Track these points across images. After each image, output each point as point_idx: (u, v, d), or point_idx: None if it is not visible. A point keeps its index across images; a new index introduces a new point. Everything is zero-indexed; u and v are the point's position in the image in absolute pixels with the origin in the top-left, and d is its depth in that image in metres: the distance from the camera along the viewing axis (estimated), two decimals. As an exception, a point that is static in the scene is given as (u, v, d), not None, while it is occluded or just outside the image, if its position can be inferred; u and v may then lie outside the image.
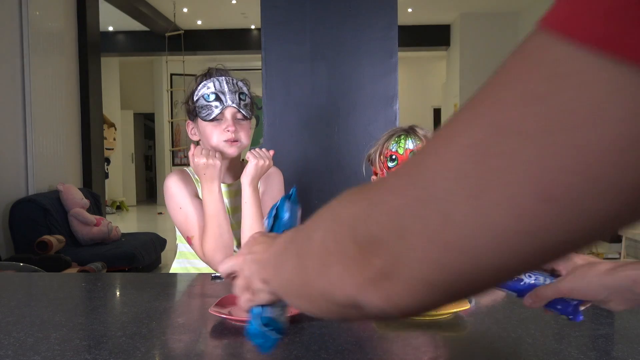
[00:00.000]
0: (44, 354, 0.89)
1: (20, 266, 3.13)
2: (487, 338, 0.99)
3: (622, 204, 0.25)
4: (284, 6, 2.73)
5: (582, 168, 0.24)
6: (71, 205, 4.60)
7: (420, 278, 0.31)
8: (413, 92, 11.12)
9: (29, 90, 4.54)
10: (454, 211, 0.28)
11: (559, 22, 0.24)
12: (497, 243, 0.27)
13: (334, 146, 2.74)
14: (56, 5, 5.08)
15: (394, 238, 0.31)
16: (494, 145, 0.26)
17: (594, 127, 0.23)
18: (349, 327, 1.05)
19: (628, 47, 0.22)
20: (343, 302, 0.38)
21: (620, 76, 0.23)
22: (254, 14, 8.36)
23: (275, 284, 0.53)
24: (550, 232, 0.26)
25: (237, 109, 1.54)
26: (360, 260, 0.34)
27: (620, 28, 0.22)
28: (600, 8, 0.23)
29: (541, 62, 0.25)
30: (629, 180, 0.24)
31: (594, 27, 0.23)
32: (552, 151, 0.24)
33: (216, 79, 1.55)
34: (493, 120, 0.26)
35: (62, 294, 1.35)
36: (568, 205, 0.25)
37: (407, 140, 1.44)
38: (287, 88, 2.73)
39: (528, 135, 0.25)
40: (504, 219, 0.26)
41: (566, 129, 0.24)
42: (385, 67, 2.74)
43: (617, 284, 0.70)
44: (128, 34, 9.77)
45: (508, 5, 8.62)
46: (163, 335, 0.98)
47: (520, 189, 0.25)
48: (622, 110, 0.23)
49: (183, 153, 11.07)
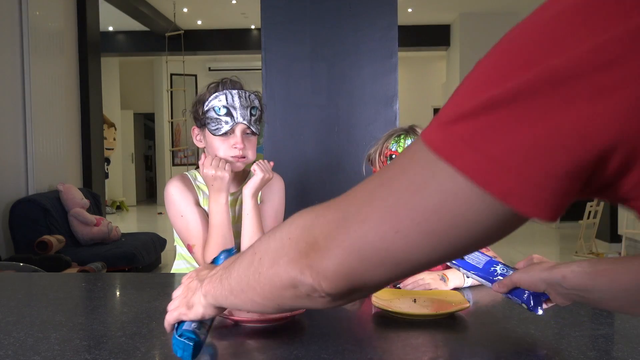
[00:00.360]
0: (44, 354, 0.89)
1: (20, 266, 3.13)
2: (487, 338, 0.99)
3: (437, 243, 0.43)
4: (284, 6, 2.73)
5: (413, 220, 0.42)
6: (71, 205, 4.60)
7: (337, 268, 0.48)
8: (413, 92, 11.12)
9: (29, 90, 4.53)
10: (356, 228, 0.46)
11: (424, 135, 0.41)
12: (378, 252, 0.46)
13: (334, 146, 2.74)
14: (56, 5, 5.08)
15: (324, 240, 0.49)
16: (377, 199, 0.45)
17: (417, 202, 0.42)
18: (349, 327, 1.05)
19: (459, 158, 0.38)
20: (286, 283, 0.54)
21: (447, 178, 0.40)
22: (254, 14, 8.36)
23: (215, 294, 0.71)
24: (404, 250, 0.45)
25: (248, 125, 1.53)
26: (304, 252, 0.51)
27: (453, 144, 0.39)
28: (449, 132, 0.39)
29: (408, 160, 0.43)
30: (439, 231, 0.42)
31: (441, 141, 0.40)
32: (398, 209, 0.43)
33: (229, 92, 1.52)
34: (381, 182, 0.45)
35: (62, 294, 1.35)
36: (409, 237, 0.43)
37: (407, 139, 1.44)
38: (287, 88, 2.73)
39: (389, 198, 0.44)
40: (379, 238, 0.45)
41: (405, 199, 0.43)
42: (385, 67, 2.74)
43: (551, 278, 0.83)
44: (128, 34, 9.77)
45: (508, 5, 8.62)
46: (163, 335, 0.98)
47: (383, 223, 0.44)
48: (436, 195, 0.41)
49: (183, 153, 11.07)
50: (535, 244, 6.86)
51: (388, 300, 1.15)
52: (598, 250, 5.82)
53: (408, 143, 1.44)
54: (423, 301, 1.17)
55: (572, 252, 5.89)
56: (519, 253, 5.86)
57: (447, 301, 1.15)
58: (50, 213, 4.31)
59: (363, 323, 1.10)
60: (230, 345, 0.97)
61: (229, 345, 0.97)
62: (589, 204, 5.90)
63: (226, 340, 0.99)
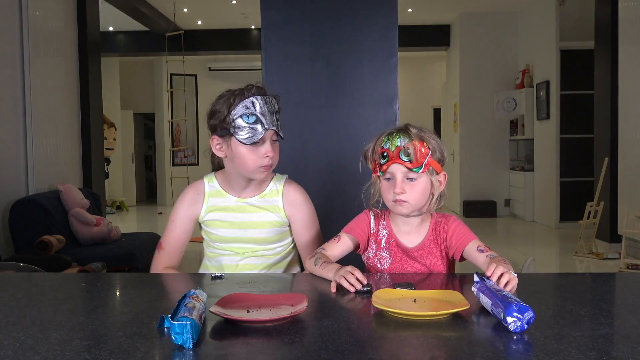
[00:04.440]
0: (44, 354, 0.89)
1: (20, 266, 3.13)
2: (487, 338, 0.99)
3: None
4: (284, 6, 2.73)
5: None
6: (71, 205, 4.60)
7: None
8: (413, 92, 11.12)
9: (29, 90, 4.53)
10: None
11: None
12: None
13: (334, 146, 2.74)
14: (56, 5, 5.08)
15: None
16: None
17: None
18: (349, 327, 1.05)
19: None
20: None
21: None
22: (254, 14, 8.36)
23: None
24: None
25: (276, 130, 1.54)
26: None
27: None
28: None
29: None
30: None
31: None
32: None
33: (255, 99, 1.52)
34: None
35: (62, 294, 1.35)
36: None
37: (398, 137, 1.44)
38: (287, 88, 2.73)
39: None
40: None
41: None
42: (385, 67, 2.74)
43: None
44: (128, 34, 9.77)
45: (508, 5, 8.62)
46: (163, 335, 0.98)
47: None
48: None
49: (183, 153, 11.07)
50: (535, 244, 6.86)
51: (388, 300, 1.15)
52: (598, 250, 5.82)
53: (400, 141, 1.44)
54: (423, 301, 1.17)
55: (572, 252, 5.89)
56: (519, 253, 5.86)
57: (447, 301, 1.15)
58: (50, 213, 4.31)
59: (363, 323, 1.10)
60: (230, 345, 0.97)
61: (229, 345, 0.97)
62: (589, 204, 5.90)
63: (226, 340, 0.99)
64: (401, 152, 1.43)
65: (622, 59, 5.73)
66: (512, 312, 0.98)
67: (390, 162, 1.45)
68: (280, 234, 1.68)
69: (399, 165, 1.44)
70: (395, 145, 1.44)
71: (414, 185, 1.45)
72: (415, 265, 1.52)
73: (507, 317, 0.98)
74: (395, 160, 1.44)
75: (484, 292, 1.11)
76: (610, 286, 1.46)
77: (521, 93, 8.44)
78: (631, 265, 5.09)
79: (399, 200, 1.46)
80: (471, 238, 1.49)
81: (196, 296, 1.05)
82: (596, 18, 6.37)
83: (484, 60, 8.93)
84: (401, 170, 1.45)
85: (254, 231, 1.65)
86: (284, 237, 1.69)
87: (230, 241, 1.66)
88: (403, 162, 1.43)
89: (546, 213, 7.89)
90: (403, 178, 1.45)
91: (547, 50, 7.74)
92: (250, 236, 1.65)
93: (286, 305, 1.12)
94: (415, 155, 1.43)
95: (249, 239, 1.65)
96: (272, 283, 1.46)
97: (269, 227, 1.66)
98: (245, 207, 1.65)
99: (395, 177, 1.46)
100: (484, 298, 1.10)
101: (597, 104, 6.35)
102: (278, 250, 1.69)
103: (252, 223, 1.65)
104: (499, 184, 9.04)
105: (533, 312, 0.98)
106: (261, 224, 1.65)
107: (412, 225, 1.54)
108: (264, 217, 1.65)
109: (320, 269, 1.42)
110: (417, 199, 1.47)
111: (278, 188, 1.67)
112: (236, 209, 1.65)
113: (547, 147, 7.83)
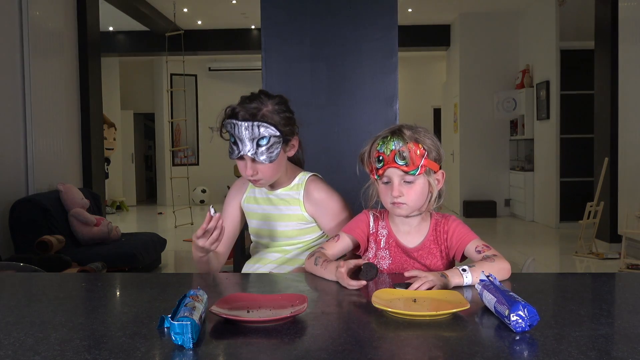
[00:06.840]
0: (44, 354, 0.89)
1: (20, 266, 3.12)
2: (487, 338, 0.99)
3: None
4: (284, 6, 2.73)
5: None
6: (71, 205, 4.60)
7: None
8: (413, 92, 11.11)
9: (29, 90, 4.53)
10: None
11: None
12: None
13: (334, 146, 2.74)
14: (56, 5, 5.08)
15: None
16: None
17: None
18: (349, 327, 1.05)
19: None
20: None
21: None
22: (254, 14, 8.36)
23: None
24: None
25: (253, 157, 1.57)
26: None
27: None
28: None
29: None
30: None
31: None
32: None
33: (235, 124, 1.55)
34: None
35: (62, 294, 1.35)
36: None
37: (392, 141, 1.44)
38: (287, 88, 2.73)
39: None
40: None
41: None
42: (385, 67, 2.74)
43: None
44: (128, 34, 9.77)
45: (508, 5, 8.62)
46: (163, 335, 0.98)
47: None
48: None
49: (183, 153, 11.07)
50: (535, 244, 6.86)
51: (388, 300, 1.15)
52: (598, 250, 5.82)
53: (394, 145, 1.43)
54: (423, 301, 1.17)
55: (572, 252, 5.88)
56: (519, 253, 5.85)
57: (447, 301, 1.14)
58: (50, 213, 4.31)
59: (363, 323, 1.10)
60: (230, 345, 0.97)
61: (229, 345, 0.97)
62: (589, 204, 5.90)
63: (226, 340, 0.99)
64: (396, 156, 1.43)
65: (622, 59, 5.73)
66: (518, 310, 0.97)
67: (386, 167, 1.45)
68: (300, 230, 1.70)
69: (395, 169, 1.44)
70: (390, 149, 1.44)
71: (411, 188, 1.45)
72: (415, 265, 1.52)
73: (511, 314, 0.97)
74: (391, 164, 1.44)
75: (489, 289, 1.11)
76: (610, 286, 1.46)
77: (521, 93, 8.44)
78: (631, 265, 5.09)
79: (397, 202, 1.46)
80: (471, 238, 1.49)
81: (196, 296, 1.05)
82: (596, 18, 6.37)
83: (484, 60, 8.93)
84: (397, 174, 1.45)
85: (276, 224, 1.71)
86: (303, 233, 1.71)
87: (259, 234, 1.76)
88: (399, 166, 1.43)
89: (546, 213, 7.89)
90: (400, 181, 1.45)
91: (547, 50, 7.74)
92: (272, 229, 1.71)
93: (286, 305, 1.12)
94: (410, 158, 1.42)
95: (271, 232, 1.72)
96: (272, 283, 1.46)
97: (288, 221, 1.70)
98: (272, 199, 1.71)
99: (392, 181, 1.45)
100: (488, 295, 1.10)
101: (597, 104, 6.35)
102: (298, 246, 1.72)
103: (275, 216, 1.71)
104: (499, 184, 9.04)
105: (539, 316, 0.98)
106: (282, 217, 1.71)
107: (412, 225, 1.54)
108: (286, 210, 1.70)
109: (320, 269, 1.43)
110: (415, 201, 1.47)
111: (300, 182, 1.71)
112: (264, 202, 1.73)
113: (547, 147, 7.83)
